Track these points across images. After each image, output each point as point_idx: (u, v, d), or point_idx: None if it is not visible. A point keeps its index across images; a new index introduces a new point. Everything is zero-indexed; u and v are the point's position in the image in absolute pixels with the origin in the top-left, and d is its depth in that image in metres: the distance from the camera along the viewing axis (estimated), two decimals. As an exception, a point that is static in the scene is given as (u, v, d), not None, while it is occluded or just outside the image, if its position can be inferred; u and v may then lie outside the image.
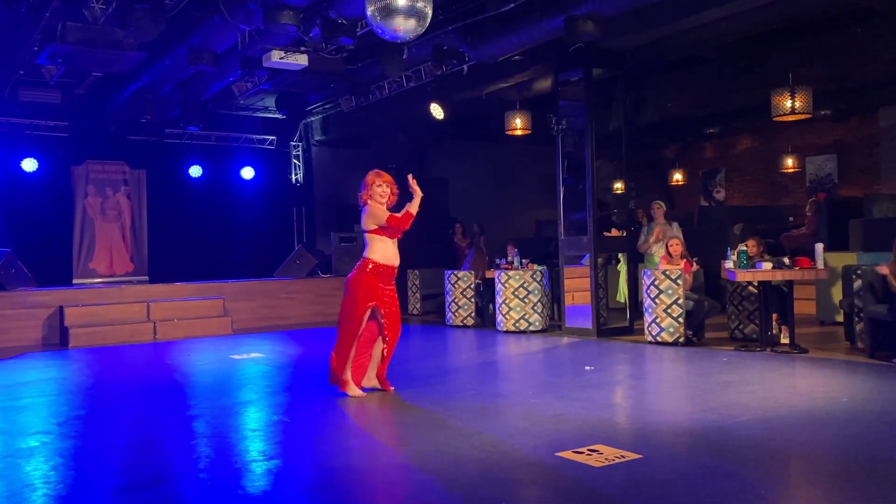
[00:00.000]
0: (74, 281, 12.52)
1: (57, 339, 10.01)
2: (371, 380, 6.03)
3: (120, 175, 13.23)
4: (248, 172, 14.16)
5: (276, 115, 14.02)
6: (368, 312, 5.82)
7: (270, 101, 13.54)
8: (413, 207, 5.88)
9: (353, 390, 5.85)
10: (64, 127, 12.47)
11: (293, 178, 14.76)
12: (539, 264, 10.15)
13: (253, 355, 8.44)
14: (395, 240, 5.94)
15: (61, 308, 10.03)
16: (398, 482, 3.79)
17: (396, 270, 5.98)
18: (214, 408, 5.81)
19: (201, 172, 13.69)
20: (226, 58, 9.42)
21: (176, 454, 4.50)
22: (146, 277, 13.07)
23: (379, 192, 5.89)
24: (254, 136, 14.35)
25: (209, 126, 13.23)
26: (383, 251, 5.87)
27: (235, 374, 7.48)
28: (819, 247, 7.55)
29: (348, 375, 5.86)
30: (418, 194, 5.91)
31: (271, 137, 14.49)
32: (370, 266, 5.82)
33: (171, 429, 5.16)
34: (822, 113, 12.04)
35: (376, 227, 5.84)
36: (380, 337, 5.96)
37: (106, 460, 4.44)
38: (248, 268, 13.54)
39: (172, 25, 8.11)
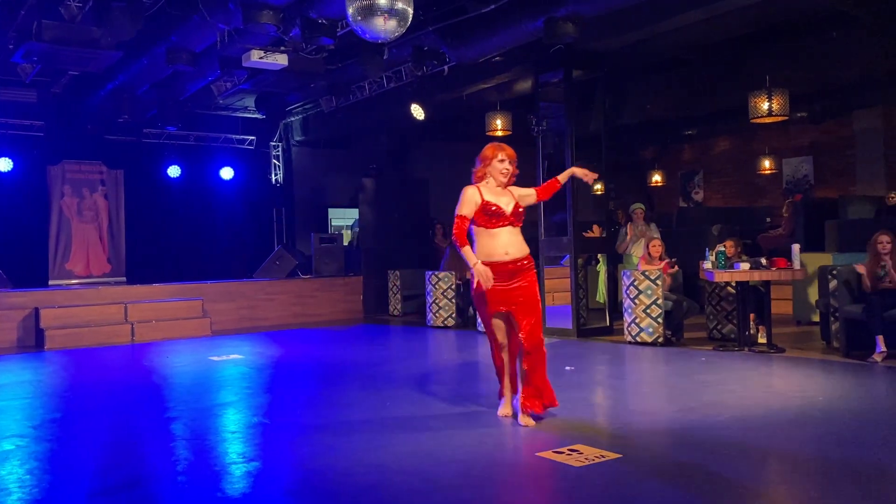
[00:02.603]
0: (50, 282, 12.38)
1: (32, 341, 9.87)
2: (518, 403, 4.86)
3: (97, 175, 13.10)
4: (227, 173, 14.07)
5: (256, 116, 13.95)
6: (499, 320, 4.85)
7: (250, 101, 13.46)
8: (560, 177, 4.99)
9: (501, 408, 5.03)
10: (40, 126, 12.31)
11: (273, 178, 14.69)
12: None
13: (232, 357, 8.38)
14: (509, 227, 4.75)
15: (37, 310, 9.89)
16: (378, 484, 3.78)
17: (519, 263, 4.73)
18: (193, 410, 5.76)
19: (180, 172, 13.59)
20: (204, 57, 9.36)
21: (154, 457, 4.46)
22: (124, 278, 12.95)
23: (500, 170, 4.77)
24: (233, 137, 14.27)
25: (188, 126, 13.13)
26: (486, 246, 4.73)
27: (214, 375, 7.42)
28: (795, 247, 7.63)
29: (503, 388, 5.07)
30: (583, 174, 5.02)
31: (251, 138, 14.41)
32: None
33: (149, 431, 5.11)
34: (799, 115, 12.18)
35: (473, 213, 4.73)
36: (519, 350, 4.79)
37: (82, 463, 4.39)
38: (227, 269, 13.45)
39: (150, 24, 8.05)
